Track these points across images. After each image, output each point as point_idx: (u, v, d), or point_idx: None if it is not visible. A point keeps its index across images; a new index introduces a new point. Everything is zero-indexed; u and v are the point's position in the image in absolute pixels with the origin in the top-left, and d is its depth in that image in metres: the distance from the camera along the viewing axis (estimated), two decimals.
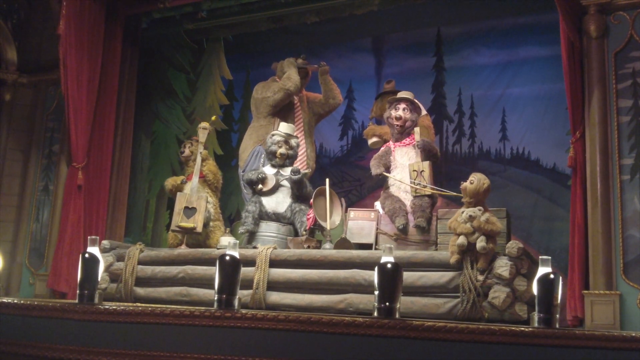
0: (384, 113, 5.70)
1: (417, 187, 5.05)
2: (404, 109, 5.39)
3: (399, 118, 5.38)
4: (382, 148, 5.58)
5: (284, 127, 5.84)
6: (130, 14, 6.79)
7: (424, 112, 5.89)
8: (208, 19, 7.11)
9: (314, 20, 6.89)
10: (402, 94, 5.52)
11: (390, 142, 5.49)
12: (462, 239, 4.33)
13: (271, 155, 5.75)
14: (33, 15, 7.05)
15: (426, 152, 5.23)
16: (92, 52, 6.25)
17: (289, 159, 5.77)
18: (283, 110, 6.27)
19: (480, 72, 7.09)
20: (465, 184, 4.52)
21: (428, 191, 5.02)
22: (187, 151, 6.16)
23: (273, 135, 5.79)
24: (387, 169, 5.37)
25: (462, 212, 4.45)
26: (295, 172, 5.64)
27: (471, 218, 4.36)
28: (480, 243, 4.27)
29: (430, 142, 5.32)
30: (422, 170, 5.11)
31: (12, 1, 6.98)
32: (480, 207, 4.41)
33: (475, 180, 4.51)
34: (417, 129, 5.33)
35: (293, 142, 5.80)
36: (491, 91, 7.00)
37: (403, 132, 5.40)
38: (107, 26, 6.47)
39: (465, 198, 4.50)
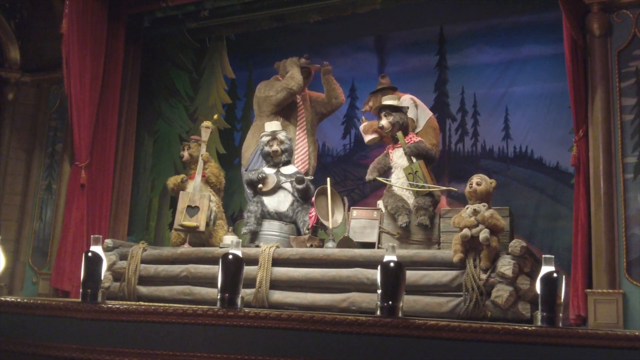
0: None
1: (413, 189, 5.06)
2: (385, 115, 5.44)
3: (381, 127, 5.47)
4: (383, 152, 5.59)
5: (268, 126, 5.85)
6: (132, 13, 6.79)
7: (430, 113, 5.89)
8: (210, 18, 7.09)
9: (317, 19, 6.88)
10: (383, 101, 5.56)
11: (390, 145, 5.51)
12: (465, 231, 4.32)
13: (267, 157, 5.76)
14: (36, 14, 7.05)
15: (417, 157, 5.23)
16: (94, 52, 6.26)
17: (284, 154, 5.75)
18: (285, 110, 6.26)
19: (483, 70, 7.08)
20: (475, 187, 4.52)
21: (424, 191, 5.03)
22: (185, 154, 6.18)
23: (261, 137, 5.81)
24: (388, 171, 5.39)
25: (467, 208, 4.46)
26: (300, 181, 5.62)
27: (475, 212, 4.38)
28: (484, 234, 4.25)
29: (417, 146, 5.26)
30: (416, 171, 5.12)
31: (15, 0, 6.99)
32: (485, 203, 4.42)
33: (483, 181, 4.54)
34: (399, 134, 5.34)
35: (281, 136, 5.78)
36: (494, 90, 6.99)
37: (394, 135, 5.43)
38: (110, 25, 6.48)
39: (472, 200, 4.50)
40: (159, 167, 7.66)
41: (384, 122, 5.43)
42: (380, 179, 5.32)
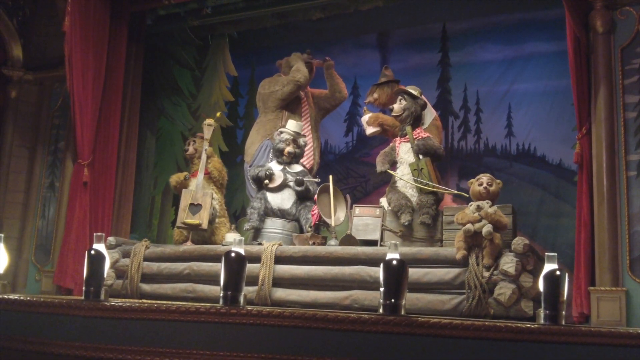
0: (386, 102, 5.77)
1: (421, 185, 5.04)
2: (400, 100, 5.44)
3: (391, 109, 5.48)
4: (390, 144, 5.57)
5: (292, 125, 5.82)
6: (135, 10, 6.80)
7: (434, 112, 5.87)
8: (213, 16, 7.11)
9: (319, 16, 6.88)
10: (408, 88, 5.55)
11: (397, 138, 5.48)
12: (468, 226, 4.31)
13: (278, 153, 5.75)
14: (38, 12, 7.06)
15: (424, 154, 5.21)
16: (97, 49, 6.26)
17: (295, 157, 5.77)
18: (290, 105, 6.26)
19: (486, 68, 7.06)
20: (488, 188, 4.52)
21: (430, 188, 5.01)
22: (190, 149, 6.17)
23: (282, 132, 5.78)
24: (394, 165, 5.36)
25: (470, 205, 4.46)
26: (299, 183, 5.61)
27: (479, 208, 4.38)
28: (487, 228, 4.25)
29: (426, 144, 5.23)
30: (422, 168, 5.11)
31: None
32: (489, 201, 4.42)
33: (493, 182, 4.56)
34: (409, 129, 5.30)
35: (301, 141, 5.80)
36: (497, 87, 6.97)
37: (402, 121, 5.41)
38: (112, 23, 6.48)
39: (483, 202, 4.50)
40: (162, 165, 7.67)
41: (396, 105, 5.43)
42: (391, 172, 5.30)
